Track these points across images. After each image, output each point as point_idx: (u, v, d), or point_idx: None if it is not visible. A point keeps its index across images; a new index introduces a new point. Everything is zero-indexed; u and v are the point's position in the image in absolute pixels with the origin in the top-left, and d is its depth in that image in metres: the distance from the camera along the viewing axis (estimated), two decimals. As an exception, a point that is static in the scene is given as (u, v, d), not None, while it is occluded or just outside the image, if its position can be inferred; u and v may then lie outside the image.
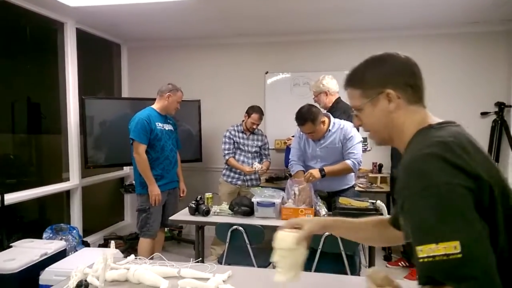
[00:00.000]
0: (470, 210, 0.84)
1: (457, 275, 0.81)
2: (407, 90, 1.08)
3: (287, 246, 1.30)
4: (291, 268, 1.32)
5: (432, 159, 0.89)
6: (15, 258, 2.81)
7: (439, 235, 0.83)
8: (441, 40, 4.40)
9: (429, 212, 0.85)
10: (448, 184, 0.85)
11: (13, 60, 3.71)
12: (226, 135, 4.03)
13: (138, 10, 3.70)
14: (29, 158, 4.08)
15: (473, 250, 0.81)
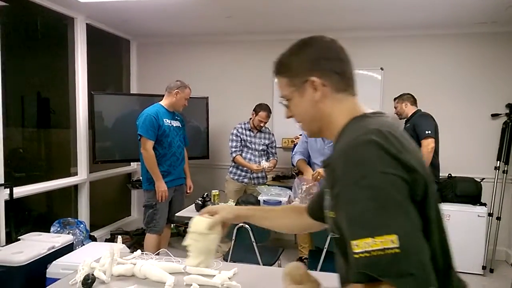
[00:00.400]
0: (406, 202, 0.80)
1: (394, 271, 0.76)
2: (334, 77, 1.00)
3: (199, 230, 1.30)
4: (201, 252, 1.32)
5: (370, 146, 0.83)
6: (23, 251, 2.84)
7: (375, 228, 0.78)
8: (451, 41, 4.35)
9: (366, 203, 0.80)
10: (386, 174, 0.80)
11: (23, 54, 3.74)
12: (233, 133, 4.04)
13: (148, 6, 3.71)
14: (38, 152, 4.12)
15: (410, 245, 0.77)
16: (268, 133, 4.14)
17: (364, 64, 4.54)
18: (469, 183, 3.97)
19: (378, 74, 4.56)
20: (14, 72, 3.40)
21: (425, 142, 3.66)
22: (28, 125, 3.93)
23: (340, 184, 0.86)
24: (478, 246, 3.85)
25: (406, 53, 4.48)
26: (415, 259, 0.76)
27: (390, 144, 0.83)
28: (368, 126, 0.90)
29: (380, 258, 0.76)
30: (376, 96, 4.55)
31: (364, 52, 4.55)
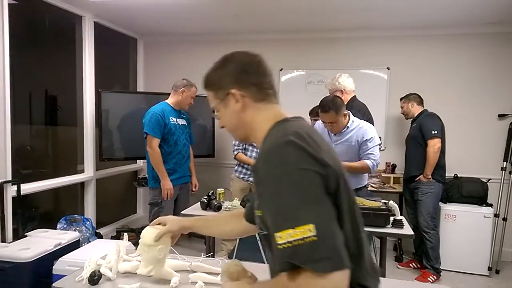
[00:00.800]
0: (322, 194, 0.91)
1: (313, 257, 0.85)
2: (251, 89, 1.11)
3: (146, 242, 1.43)
4: (150, 262, 1.46)
5: (289, 147, 0.94)
6: (29, 247, 2.86)
7: (295, 220, 0.87)
8: (458, 40, 4.32)
9: (287, 198, 0.89)
10: (303, 170, 0.90)
11: (31, 52, 3.77)
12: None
13: (156, 5, 3.73)
14: (45, 149, 4.15)
15: (325, 232, 0.86)
16: None
17: (371, 64, 4.53)
18: (476, 184, 3.94)
19: (385, 74, 4.54)
20: (22, 69, 3.43)
21: (432, 142, 3.65)
22: (36, 122, 3.97)
23: (264, 183, 0.95)
24: (484, 247, 3.82)
25: (413, 53, 4.46)
26: (330, 244, 0.86)
27: (306, 144, 0.94)
28: (287, 129, 1.01)
29: (300, 247, 0.85)
30: (382, 95, 4.53)
31: (370, 51, 4.54)
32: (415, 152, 3.82)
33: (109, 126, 4.14)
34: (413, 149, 3.84)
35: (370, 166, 2.85)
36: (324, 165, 0.93)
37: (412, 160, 3.87)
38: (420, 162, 3.74)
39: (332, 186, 0.94)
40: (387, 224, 2.51)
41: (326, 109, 2.82)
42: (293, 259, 0.87)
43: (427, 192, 3.71)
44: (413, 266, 3.98)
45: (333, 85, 3.51)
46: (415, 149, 3.81)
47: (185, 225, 1.48)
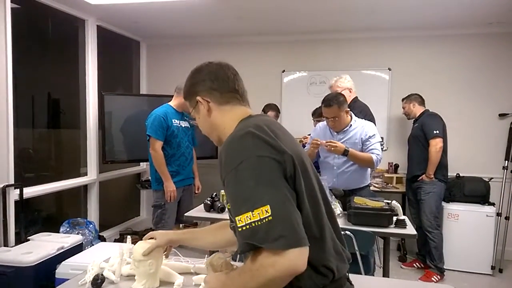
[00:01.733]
0: (278, 178, 0.97)
1: (269, 236, 0.90)
2: (214, 94, 1.22)
3: (135, 257, 1.46)
4: (142, 276, 1.48)
5: (247, 136, 1.02)
6: (32, 251, 2.86)
7: (253, 203, 0.93)
8: (459, 41, 4.33)
9: (245, 183, 0.96)
10: (259, 157, 0.98)
11: (34, 55, 3.78)
12: None
13: (158, 8, 3.73)
14: (48, 152, 4.16)
15: (280, 212, 0.92)
16: None
17: (372, 65, 4.53)
18: (478, 183, 3.94)
19: (386, 75, 4.54)
20: (25, 72, 3.44)
21: (433, 141, 3.65)
22: (38, 125, 3.97)
23: (225, 172, 1.02)
24: (487, 246, 3.81)
25: (414, 54, 4.46)
26: (285, 223, 0.92)
27: (264, 133, 1.02)
28: (248, 123, 1.09)
29: (258, 228, 0.91)
30: (384, 96, 4.53)
31: (372, 52, 4.54)
32: (417, 152, 3.81)
33: (112, 129, 4.15)
34: (415, 149, 3.84)
35: (374, 160, 2.87)
36: (281, 152, 1.00)
37: (415, 160, 3.86)
38: (422, 162, 3.73)
39: (289, 170, 1.00)
40: (390, 224, 2.50)
41: (329, 103, 2.85)
42: (251, 240, 0.92)
43: (430, 191, 3.70)
44: (417, 266, 3.97)
45: (343, 83, 3.54)
46: (417, 149, 3.81)
47: (173, 239, 1.52)
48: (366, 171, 3.03)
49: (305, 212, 1.01)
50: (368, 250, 2.67)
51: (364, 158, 2.88)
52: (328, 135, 3.01)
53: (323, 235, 1.07)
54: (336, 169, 2.97)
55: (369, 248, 2.59)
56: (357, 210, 2.53)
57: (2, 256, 2.80)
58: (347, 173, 2.95)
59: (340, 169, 2.96)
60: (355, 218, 2.53)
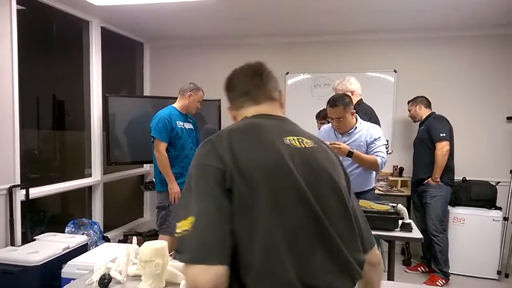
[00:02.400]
0: (215, 190, 0.95)
1: (181, 248, 0.92)
2: (233, 102, 1.28)
3: (142, 258, 1.48)
4: (148, 277, 1.50)
5: (205, 144, 1.05)
6: (38, 251, 2.88)
7: (185, 212, 0.95)
8: (466, 43, 4.31)
9: (187, 191, 0.99)
10: (205, 165, 0.99)
11: (39, 57, 3.80)
12: None
13: (162, 9, 3.75)
14: (53, 153, 4.17)
15: (199, 225, 0.92)
16: None
17: (378, 67, 4.53)
18: (484, 187, 3.91)
19: (392, 77, 4.53)
20: (30, 74, 3.46)
21: (440, 145, 3.63)
22: (43, 126, 3.99)
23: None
24: (493, 251, 3.79)
25: (420, 56, 4.45)
26: (197, 237, 0.91)
27: (218, 141, 1.03)
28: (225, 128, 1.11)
29: (180, 237, 0.93)
30: (389, 98, 4.52)
31: (377, 54, 4.53)
32: (423, 155, 3.80)
33: (116, 130, 4.16)
34: (421, 152, 3.82)
35: (379, 162, 2.83)
36: (224, 163, 0.98)
37: (420, 163, 3.84)
38: (428, 165, 3.72)
39: (227, 183, 0.97)
40: (395, 227, 2.49)
41: (335, 103, 2.82)
42: (177, 248, 0.95)
43: (436, 195, 3.68)
44: (421, 270, 3.95)
45: (344, 86, 3.50)
46: (423, 152, 3.79)
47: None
48: (371, 174, 3.00)
49: (239, 231, 0.94)
50: (373, 253, 2.66)
51: (368, 160, 2.85)
52: (333, 137, 2.99)
53: (262, 261, 0.94)
54: None
55: (374, 251, 2.58)
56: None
57: (9, 255, 2.82)
58: (352, 176, 2.90)
59: None
60: (360, 220, 2.52)
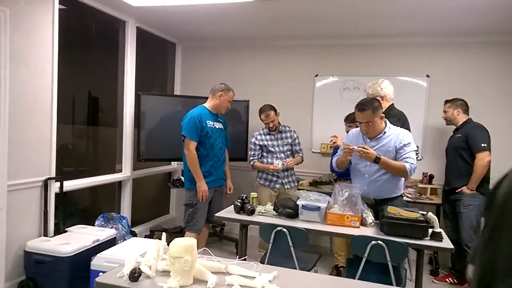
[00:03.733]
0: None
1: None
2: None
3: (172, 254, 1.50)
4: (177, 273, 1.51)
5: None
6: (69, 242, 3.00)
7: None
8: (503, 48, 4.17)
9: None
10: None
11: (77, 54, 3.94)
12: (251, 141, 4.11)
13: (195, 11, 3.81)
14: (86, 148, 4.31)
15: None
16: (289, 131, 4.11)
17: (409, 71, 4.44)
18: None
19: (424, 81, 4.43)
20: (68, 71, 3.58)
21: (481, 155, 3.47)
22: (78, 122, 4.13)
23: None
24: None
25: (454, 60, 4.34)
26: None
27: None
28: None
29: None
30: (421, 104, 4.43)
31: (409, 58, 4.45)
32: (458, 163, 3.67)
33: (147, 128, 4.25)
34: (456, 160, 3.70)
35: (408, 169, 2.77)
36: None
37: (455, 171, 3.71)
38: (463, 174, 3.59)
39: None
40: (425, 236, 2.44)
41: (363, 107, 2.79)
42: None
43: (470, 204, 3.56)
44: (450, 281, 3.84)
45: (375, 90, 3.44)
46: (458, 160, 3.67)
47: None
48: (399, 180, 2.94)
49: None
50: (400, 262, 2.62)
51: (396, 167, 2.80)
52: (361, 142, 2.94)
53: None
54: (367, 177, 2.90)
55: (401, 260, 2.54)
56: (391, 220, 2.48)
57: (42, 245, 2.95)
58: (379, 181, 2.88)
59: (371, 177, 2.89)
60: (388, 228, 2.47)
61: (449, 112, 3.81)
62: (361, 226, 2.68)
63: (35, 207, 3.16)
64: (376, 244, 2.38)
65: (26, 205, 3.08)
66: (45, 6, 3.12)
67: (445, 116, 3.86)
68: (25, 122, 3.01)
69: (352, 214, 2.68)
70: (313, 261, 2.88)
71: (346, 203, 2.72)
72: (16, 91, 2.90)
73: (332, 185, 4.04)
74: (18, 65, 2.91)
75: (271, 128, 4.01)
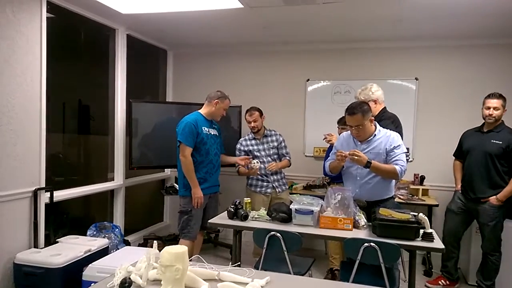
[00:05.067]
0: None
1: None
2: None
3: (162, 262, 1.48)
4: (168, 282, 1.49)
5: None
6: (61, 253, 2.95)
7: None
8: (490, 51, 4.25)
9: None
10: None
11: (66, 63, 3.92)
12: (236, 147, 4.08)
13: (185, 18, 3.81)
14: (77, 157, 4.28)
15: None
16: (274, 135, 4.09)
17: (399, 74, 4.49)
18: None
19: (413, 84, 4.47)
20: (58, 79, 3.56)
21: None
22: (69, 131, 4.10)
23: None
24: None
25: (442, 64, 4.39)
26: None
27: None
28: None
29: None
30: (410, 106, 4.47)
31: (398, 62, 4.50)
32: (490, 172, 3.43)
33: (139, 135, 4.23)
34: (488, 168, 3.44)
35: (398, 171, 2.79)
36: None
37: (485, 180, 3.46)
38: (496, 185, 3.42)
39: None
40: (417, 237, 2.45)
41: (353, 111, 2.81)
42: None
43: (497, 216, 3.42)
44: (443, 283, 3.83)
45: (366, 95, 3.44)
46: (491, 168, 3.42)
47: None
48: (390, 182, 2.97)
49: None
50: (394, 263, 2.62)
51: (387, 170, 2.82)
52: (352, 145, 2.97)
53: None
54: (359, 180, 2.93)
55: (394, 261, 2.54)
56: (383, 221, 2.49)
57: (32, 257, 2.90)
58: (370, 184, 2.90)
59: (363, 180, 2.91)
60: (380, 229, 2.49)
61: (500, 109, 3.39)
62: (354, 228, 2.69)
63: (24, 218, 3.11)
64: (368, 246, 2.38)
65: (16, 217, 3.03)
66: (32, 15, 3.10)
67: (491, 112, 3.41)
68: (13, 132, 2.97)
69: (345, 217, 2.69)
70: (307, 265, 2.87)
71: (339, 206, 2.73)
72: (3, 100, 2.87)
73: (326, 188, 4.05)
74: (5, 74, 2.88)
75: (253, 128, 3.97)
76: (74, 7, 3.52)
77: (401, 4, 3.27)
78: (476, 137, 3.59)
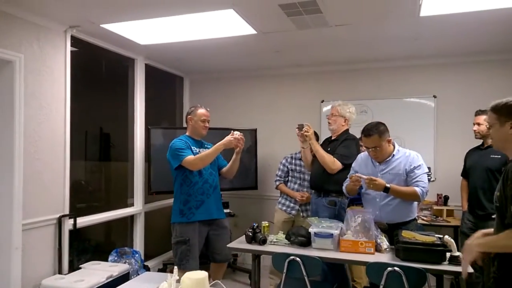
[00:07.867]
0: None
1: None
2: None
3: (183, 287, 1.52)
4: None
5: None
6: (84, 279, 3.00)
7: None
8: (508, 65, 4.17)
9: None
10: None
11: (88, 92, 4.06)
12: (281, 162, 4.12)
13: (201, 46, 3.91)
14: (98, 183, 4.36)
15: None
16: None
17: (416, 92, 4.47)
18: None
19: (431, 102, 4.44)
20: (80, 109, 3.68)
21: None
22: (90, 158, 4.20)
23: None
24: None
25: (461, 81, 4.34)
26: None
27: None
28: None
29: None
30: (430, 124, 4.41)
31: (416, 79, 4.48)
32: (492, 185, 3.27)
33: (157, 161, 4.27)
34: (491, 183, 3.30)
35: (419, 193, 2.72)
36: None
37: (488, 194, 3.33)
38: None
39: None
40: (443, 260, 2.37)
41: (369, 133, 2.78)
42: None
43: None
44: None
45: (342, 110, 3.41)
46: (491, 181, 3.31)
47: None
48: (412, 203, 2.88)
49: None
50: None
51: (407, 193, 2.75)
52: (370, 166, 2.93)
53: None
54: (379, 201, 2.86)
55: (420, 287, 2.46)
56: (406, 244, 2.42)
57: (57, 283, 2.96)
58: (391, 205, 2.82)
59: (383, 201, 2.83)
60: (404, 253, 2.42)
61: (483, 126, 3.41)
62: (376, 252, 2.62)
63: (49, 245, 3.18)
64: (392, 270, 2.32)
65: (41, 244, 3.10)
66: (57, 49, 3.25)
67: (478, 129, 3.48)
68: (39, 160, 3.08)
69: (366, 240, 2.64)
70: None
71: (359, 229, 2.68)
72: (30, 131, 2.99)
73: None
74: (32, 106, 3.01)
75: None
76: (96, 40, 3.68)
77: (416, 23, 3.28)
78: (476, 154, 3.58)
